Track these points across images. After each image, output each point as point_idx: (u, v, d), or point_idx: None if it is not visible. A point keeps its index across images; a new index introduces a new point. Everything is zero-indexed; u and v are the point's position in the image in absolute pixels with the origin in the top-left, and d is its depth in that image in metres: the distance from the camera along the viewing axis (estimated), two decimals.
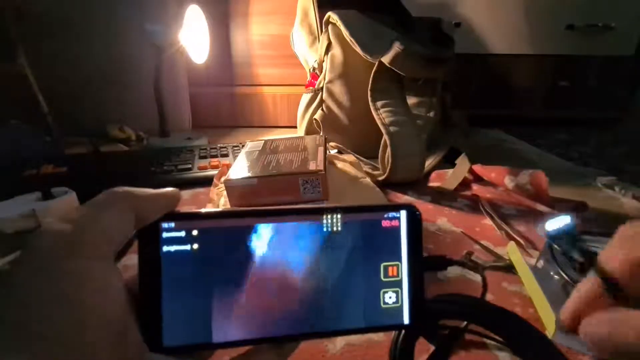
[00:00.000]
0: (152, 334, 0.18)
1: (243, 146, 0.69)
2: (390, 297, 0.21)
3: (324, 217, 0.21)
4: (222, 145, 0.79)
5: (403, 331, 0.26)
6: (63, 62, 0.87)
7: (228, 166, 0.64)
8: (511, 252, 0.45)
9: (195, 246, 0.19)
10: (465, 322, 0.28)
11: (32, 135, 0.77)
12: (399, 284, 0.21)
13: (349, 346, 0.33)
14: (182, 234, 0.19)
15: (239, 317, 0.19)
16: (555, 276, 0.39)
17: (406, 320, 0.21)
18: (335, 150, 0.78)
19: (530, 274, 0.40)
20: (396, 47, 0.64)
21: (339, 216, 0.21)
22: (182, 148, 0.78)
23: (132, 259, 0.42)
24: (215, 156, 0.73)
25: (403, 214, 0.22)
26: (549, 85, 1.17)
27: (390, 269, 0.21)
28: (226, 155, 0.74)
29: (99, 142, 0.82)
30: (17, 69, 0.79)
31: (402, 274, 0.21)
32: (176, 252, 0.19)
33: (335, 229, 0.21)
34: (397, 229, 0.21)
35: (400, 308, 0.21)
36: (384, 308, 0.21)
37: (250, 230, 0.20)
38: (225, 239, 0.20)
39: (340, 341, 0.34)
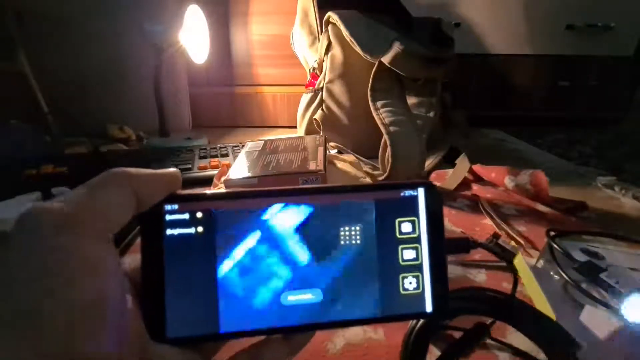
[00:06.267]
0: (155, 323, 0.17)
1: (243, 146, 0.69)
2: (410, 283, 0.19)
3: (336, 196, 0.19)
4: (222, 145, 0.79)
5: (421, 321, 0.24)
6: (63, 62, 0.87)
7: (228, 166, 0.64)
8: None
9: (200, 229, 0.18)
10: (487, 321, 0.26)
11: (32, 135, 0.76)
12: (419, 268, 0.20)
13: (349, 346, 0.33)
14: (186, 216, 0.18)
15: (247, 306, 0.18)
16: (555, 276, 0.39)
17: (429, 308, 0.20)
18: (335, 150, 0.78)
19: (530, 274, 0.40)
20: (396, 47, 0.64)
21: (352, 195, 0.20)
22: (182, 148, 0.78)
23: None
24: (215, 156, 0.73)
25: (421, 191, 0.20)
26: (549, 85, 1.17)
27: (409, 251, 0.20)
28: (226, 155, 0.74)
29: (99, 142, 0.82)
30: (17, 69, 0.79)
31: (422, 257, 0.20)
32: (180, 235, 0.18)
33: (348, 209, 0.19)
34: (415, 209, 0.20)
35: (422, 295, 0.20)
36: (403, 295, 0.19)
37: (258, 211, 0.19)
38: (232, 221, 0.18)
39: (340, 341, 0.34)
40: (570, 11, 1.07)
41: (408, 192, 0.20)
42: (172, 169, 0.18)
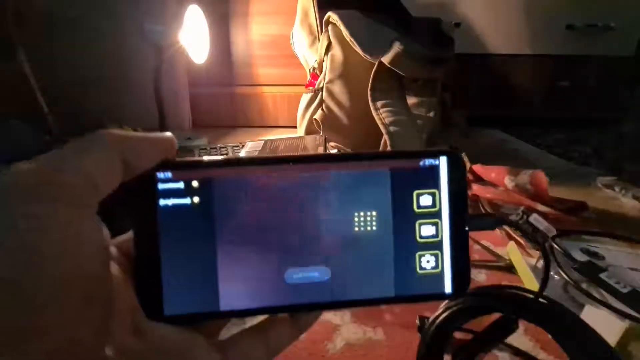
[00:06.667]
0: (152, 301, 0.16)
1: (243, 146, 0.69)
2: (428, 262, 0.18)
3: (347, 164, 0.17)
4: (222, 145, 0.79)
5: (443, 315, 0.23)
6: (63, 62, 0.87)
7: None
8: (511, 252, 0.45)
9: (196, 200, 0.17)
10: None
11: (32, 135, 0.77)
12: (438, 245, 0.18)
13: (349, 346, 0.33)
14: (181, 185, 0.16)
15: (249, 283, 0.17)
16: (556, 276, 0.39)
17: (448, 289, 0.18)
18: (335, 150, 0.78)
19: (530, 274, 0.40)
20: (396, 47, 0.64)
21: (363, 164, 0.18)
22: (182, 148, 0.78)
23: None
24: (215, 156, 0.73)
25: (443, 160, 0.18)
26: (549, 85, 1.17)
27: (427, 227, 0.18)
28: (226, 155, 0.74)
29: None
30: (17, 69, 0.79)
31: (442, 233, 0.18)
32: (174, 206, 0.16)
33: (360, 178, 0.17)
34: (435, 180, 0.18)
35: (441, 274, 0.18)
36: (420, 274, 0.18)
37: (259, 180, 0.17)
38: (232, 191, 0.17)
39: (340, 341, 0.34)
40: (570, 11, 1.07)
41: (428, 161, 0.18)
42: (166, 133, 0.16)
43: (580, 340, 0.21)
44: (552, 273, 0.39)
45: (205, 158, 0.17)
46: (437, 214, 0.18)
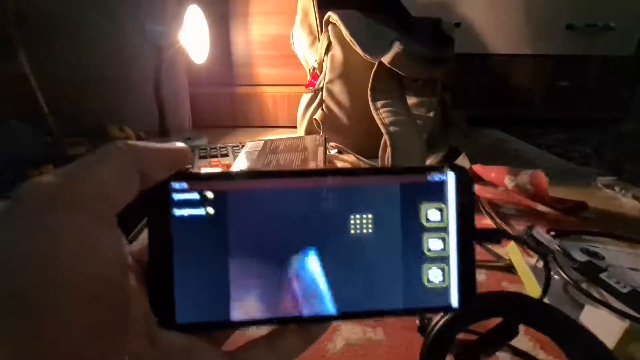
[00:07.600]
0: (164, 309, 0.16)
1: (243, 146, 0.69)
2: (435, 275, 0.18)
3: (358, 179, 0.18)
4: (222, 145, 0.79)
5: (445, 318, 0.24)
6: (63, 62, 0.87)
7: (228, 166, 0.64)
8: (511, 252, 0.45)
9: (211, 211, 0.17)
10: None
11: (32, 135, 0.77)
12: (445, 259, 0.18)
13: (349, 346, 0.33)
14: (196, 196, 0.17)
15: (260, 294, 0.17)
16: (555, 276, 0.39)
17: (454, 302, 0.18)
18: (335, 150, 0.78)
19: (530, 274, 0.40)
20: (396, 47, 0.64)
21: (375, 178, 0.18)
22: None
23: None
24: (215, 156, 0.73)
25: (451, 176, 0.18)
26: (549, 85, 1.17)
27: (435, 241, 0.18)
28: (226, 155, 0.74)
29: (99, 142, 0.82)
30: (18, 69, 0.79)
31: (449, 247, 0.18)
32: (189, 217, 0.17)
33: (370, 193, 0.18)
34: (443, 195, 0.18)
35: (447, 288, 0.18)
36: (427, 287, 0.18)
37: (272, 193, 0.18)
38: (245, 203, 0.17)
39: (340, 341, 0.34)
40: (570, 11, 1.07)
41: (437, 177, 0.18)
42: (181, 144, 0.17)
43: (582, 345, 0.22)
44: (552, 273, 0.39)
45: (220, 170, 0.18)
46: (445, 229, 0.18)
